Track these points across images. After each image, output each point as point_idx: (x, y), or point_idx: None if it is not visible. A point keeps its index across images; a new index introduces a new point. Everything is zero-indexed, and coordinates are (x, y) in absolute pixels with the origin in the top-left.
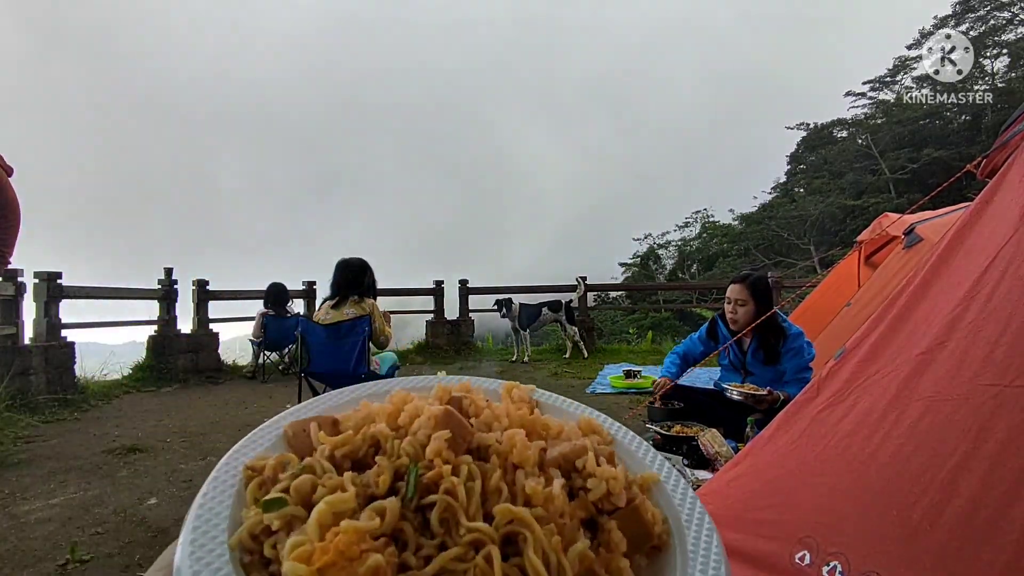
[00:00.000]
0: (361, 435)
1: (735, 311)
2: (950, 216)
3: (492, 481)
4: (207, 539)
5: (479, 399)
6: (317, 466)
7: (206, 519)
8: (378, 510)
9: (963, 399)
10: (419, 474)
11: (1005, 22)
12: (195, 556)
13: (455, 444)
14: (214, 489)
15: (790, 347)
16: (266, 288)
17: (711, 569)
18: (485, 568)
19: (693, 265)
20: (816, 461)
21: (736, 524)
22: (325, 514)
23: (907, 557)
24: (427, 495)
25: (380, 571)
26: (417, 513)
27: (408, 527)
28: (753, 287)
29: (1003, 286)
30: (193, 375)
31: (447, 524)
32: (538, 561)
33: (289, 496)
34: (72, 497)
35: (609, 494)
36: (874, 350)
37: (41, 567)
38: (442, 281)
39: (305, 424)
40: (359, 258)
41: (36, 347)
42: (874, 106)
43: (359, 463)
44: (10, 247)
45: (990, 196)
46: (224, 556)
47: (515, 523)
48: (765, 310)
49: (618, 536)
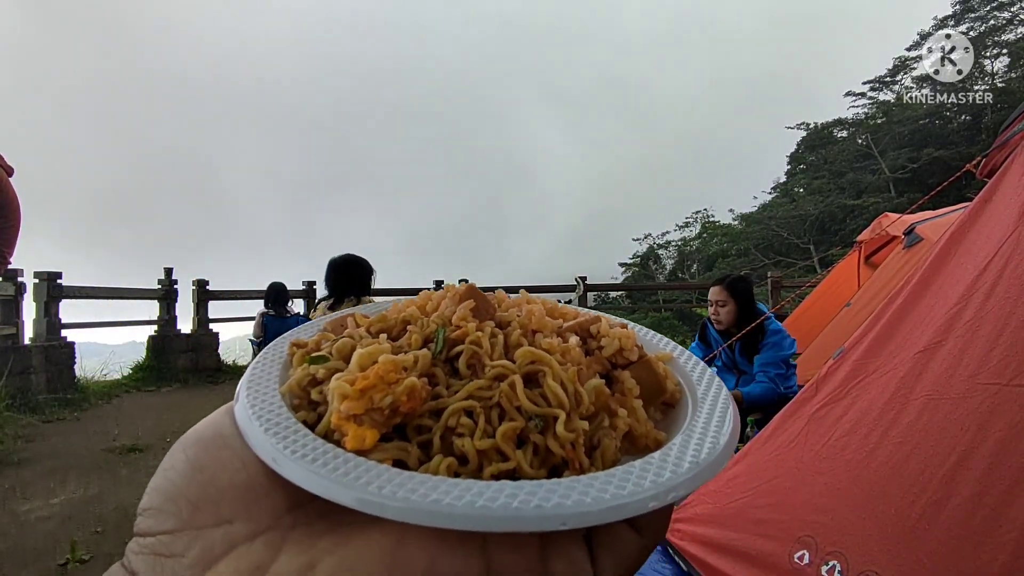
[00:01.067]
0: (395, 317)
1: (717, 312)
2: (950, 216)
3: (513, 338)
4: (260, 389)
5: (502, 295)
6: (356, 335)
7: (258, 379)
8: (414, 355)
9: (961, 398)
10: (446, 334)
11: (1005, 22)
12: (251, 399)
13: (479, 313)
14: (264, 359)
15: (766, 342)
16: (266, 288)
17: (716, 415)
18: (510, 393)
19: (693, 265)
20: (814, 460)
21: (735, 524)
22: (364, 356)
23: (905, 556)
24: (455, 348)
25: (415, 391)
26: (446, 364)
27: (439, 371)
28: (731, 288)
29: (1002, 285)
30: (193, 375)
31: (473, 368)
32: (557, 387)
33: (331, 355)
34: (72, 496)
35: (622, 350)
36: (873, 348)
37: (41, 565)
38: (442, 281)
39: (343, 320)
40: (354, 255)
41: (36, 347)
42: (874, 106)
43: (393, 338)
44: (10, 247)
45: (989, 195)
46: (277, 399)
47: (535, 363)
48: (746, 309)
49: (631, 382)
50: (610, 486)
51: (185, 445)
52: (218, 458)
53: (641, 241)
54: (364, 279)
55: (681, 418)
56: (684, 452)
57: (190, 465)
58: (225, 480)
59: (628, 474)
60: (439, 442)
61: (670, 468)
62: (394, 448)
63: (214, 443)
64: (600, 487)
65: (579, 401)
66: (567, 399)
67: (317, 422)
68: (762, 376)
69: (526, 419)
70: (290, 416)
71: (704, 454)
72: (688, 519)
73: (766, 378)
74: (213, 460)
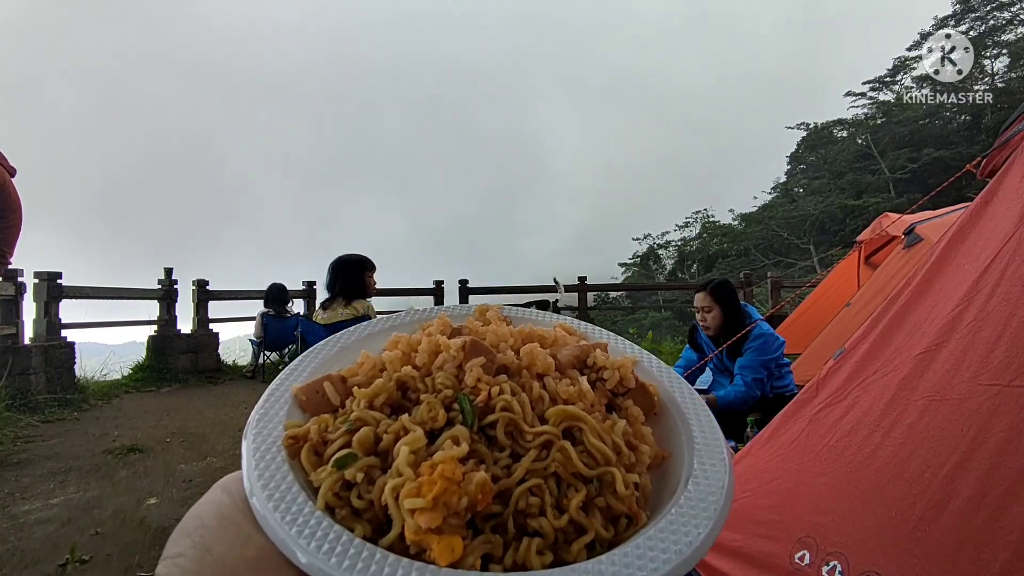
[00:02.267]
0: (392, 381)
1: (704, 318)
2: (950, 216)
3: (535, 392)
4: (294, 512)
5: (474, 326)
6: (368, 418)
7: (281, 498)
8: (453, 438)
9: (962, 399)
10: (470, 400)
11: (1005, 22)
12: (297, 531)
13: (487, 367)
14: (265, 469)
15: (748, 346)
16: (266, 288)
17: (707, 429)
18: (565, 461)
19: (693, 265)
20: (815, 461)
21: (736, 524)
22: (408, 454)
23: (906, 557)
24: (484, 417)
25: (486, 485)
26: (479, 434)
27: (480, 447)
28: (715, 293)
29: (1002, 286)
30: (193, 375)
31: (512, 436)
32: (600, 444)
33: (356, 450)
34: (72, 497)
35: (622, 380)
36: (873, 349)
37: (41, 567)
38: (442, 281)
39: (317, 386)
40: (350, 256)
41: (36, 347)
42: (874, 106)
43: (396, 406)
44: (11, 247)
45: (990, 196)
46: (323, 522)
47: (568, 419)
48: (732, 312)
49: (636, 410)
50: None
51: (188, 531)
52: (223, 538)
53: (641, 241)
54: (357, 281)
55: (672, 431)
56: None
57: (198, 549)
58: (236, 556)
59: (661, 546)
60: (513, 527)
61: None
62: (480, 546)
63: (218, 523)
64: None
65: (618, 451)
66: (611, 453)
67: (376, 532)
68: (739, 380)
69: (586, 483)
70: (309, 505)
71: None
72: None
73: (742, 382)
74: (219, 540)
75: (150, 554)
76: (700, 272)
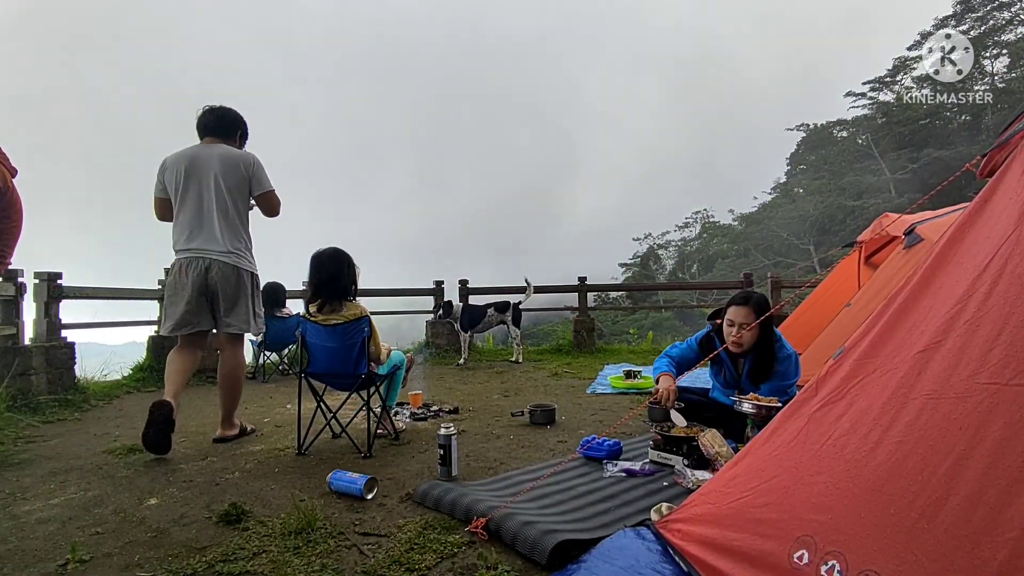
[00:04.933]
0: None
1: (740, 335)
2: (950, 216)
3: None
4: None
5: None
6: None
7: None
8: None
9: (961, 397)
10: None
11: (1005, 22)
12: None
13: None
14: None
15: (777, 370)
16: (263, 288)
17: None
18: None
19: (693, 265)
20: (814, 460)
21: (735, 524)
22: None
23: (904, 555)
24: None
25: None
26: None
27: None
28: (759, 310)
29: (1001, 285)
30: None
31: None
32: None
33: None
34: (72, 497)
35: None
36: (872, 348)
37: (41, 567)
38: (442, 281)
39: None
40: (334, 249)
41: (36, 347)
42: (874, 106)
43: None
44: (11, 248)
45: (989, 195)
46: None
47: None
48: (766, 331)
49: None
50: None
51: None
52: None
53: (641, 241)
54: (346, 278)
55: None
56: None
57: None
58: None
59: None
60: None
61: None
62: None
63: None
64: None
65: None
66: None
67: None
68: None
69: None
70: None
71: None
72: (688, 519)
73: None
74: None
75: (150, 553)
76: (700, 272)
